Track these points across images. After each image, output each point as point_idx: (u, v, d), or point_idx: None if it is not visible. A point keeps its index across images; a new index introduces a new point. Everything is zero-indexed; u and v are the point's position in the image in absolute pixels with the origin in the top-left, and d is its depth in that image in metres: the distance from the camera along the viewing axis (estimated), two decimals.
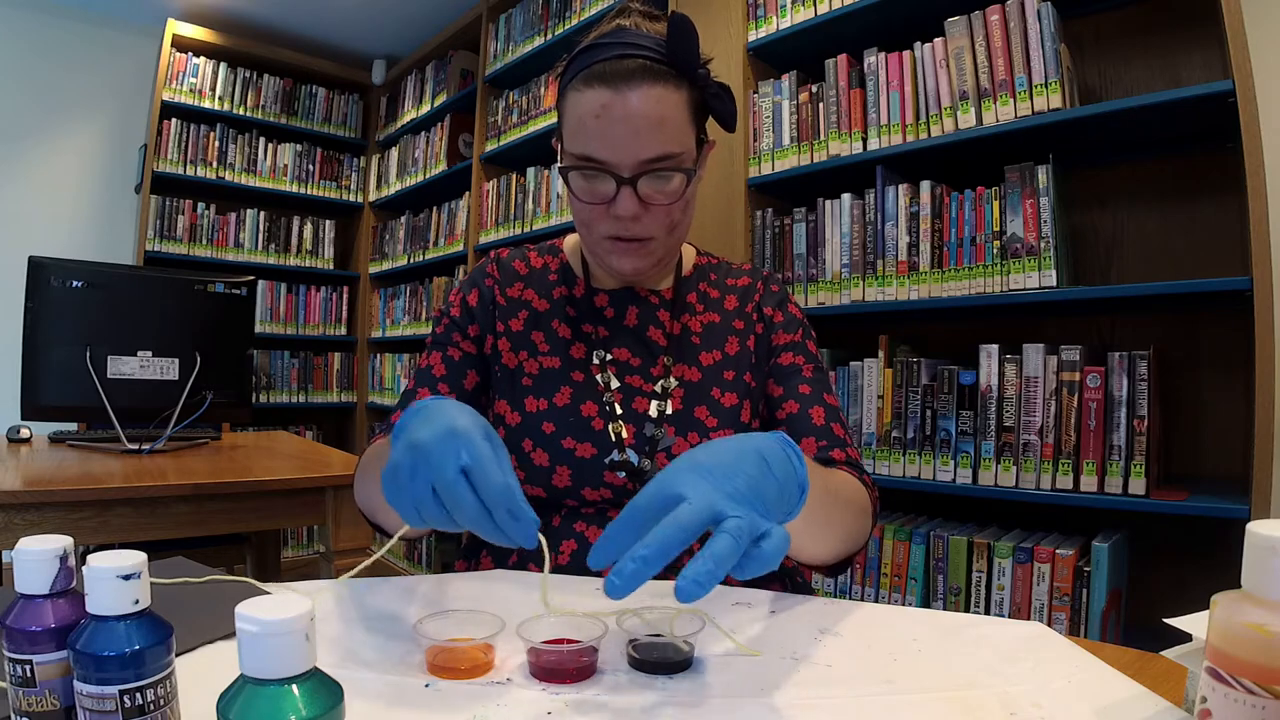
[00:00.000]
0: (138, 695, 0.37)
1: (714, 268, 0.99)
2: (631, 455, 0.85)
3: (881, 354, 1.75)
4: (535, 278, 0.96)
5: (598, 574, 0.79)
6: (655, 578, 0.80)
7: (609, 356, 0.90)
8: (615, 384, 0.88)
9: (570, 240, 0.99)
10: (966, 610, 1.59)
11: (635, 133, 0.78)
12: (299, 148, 3.66)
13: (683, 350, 0.91)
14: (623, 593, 0.46)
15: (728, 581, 0.80)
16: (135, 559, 0.37)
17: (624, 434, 0.86)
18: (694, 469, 0.51)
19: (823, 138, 1.87)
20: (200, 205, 3.40)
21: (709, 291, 0.96)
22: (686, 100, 0.81)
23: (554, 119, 1.14)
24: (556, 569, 0.80)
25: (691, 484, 0.49)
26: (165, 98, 3.25)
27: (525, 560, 0.84)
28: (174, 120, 3.28)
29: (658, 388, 0.88)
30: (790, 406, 0.90)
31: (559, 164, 0.84)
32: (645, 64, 0.78)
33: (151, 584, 0.39)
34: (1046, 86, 1.52)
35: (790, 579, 0.89)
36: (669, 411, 0.87)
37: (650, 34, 0.81)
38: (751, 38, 2.02)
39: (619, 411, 0.87)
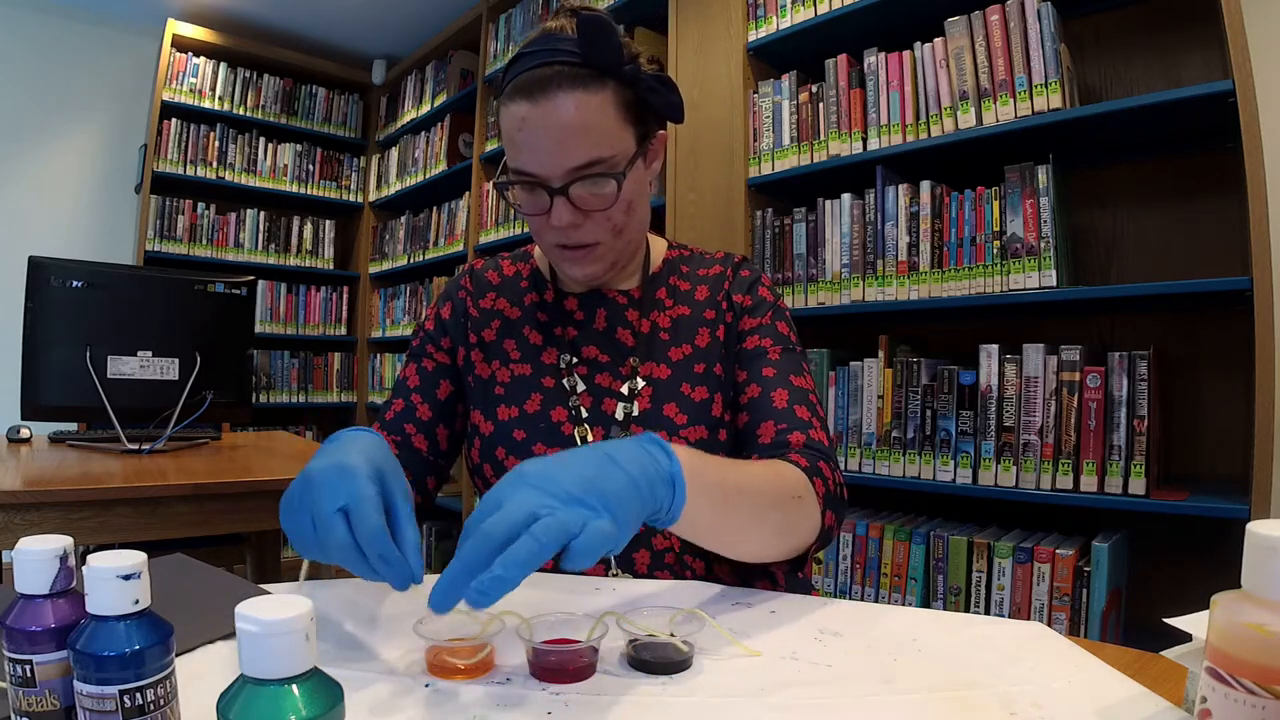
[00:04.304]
0: (138, 695, 0.37)
1: (686, 259, 0.97)
2: None
3: (881, 354, 1.75)
4: (507, 286, 0.96)
5: (583, 574, 0.79)
6: (654, 574, 0.81)
7: (575, 360, 0.89)
8: (582, 387, 0.88)
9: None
10: (966, 610, 1.59)
11: (557, 142, 0.77)
12: (299, 148, 3.66)
13: (651, 349, 0.90)
14: (440, 608, 0.47)
15: (724, 581, 0.81)
16: (135, 559, 0.37)
17: (590, 437, 0.85)
18: (519, 473, 0.52)
19: (823, 138, 1.87)
20: (200, 205, 3.40)
21: (679, 284, 0.94)
22: (613, 101, 0.78)
23: None
24: (541, 572, 0.80)
25: (509, 490, 0.51)
26: (165, 98, 3.25)
27: None
28: (174, 120, 3.28)
29: (625, 389, 0.87)
30: (752, 390, 0.86)
31: (496, 179, 0.84)
32: (562, 70, 0.76)
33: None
34: (1046, 86, 1.52)
35: (788, 574, 0.88)
36: (635, 413, 0.86)
37: (573, 36, 0.78)
38: (751, 38, 2.02)
39: (584, 415, 0.86)
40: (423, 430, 0.91)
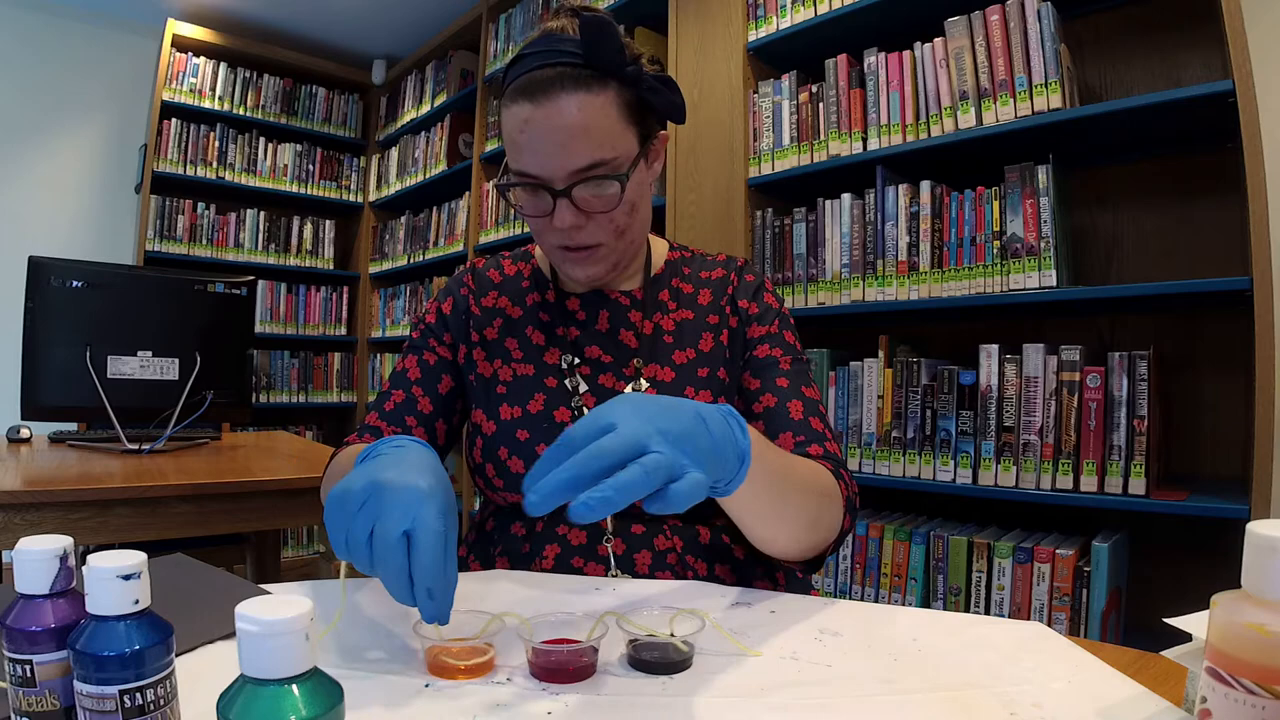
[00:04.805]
0: (138, 695, 0.37)
1: (687, 261, 0.97)
2: None
3: (881, 354, 1.75)
4: (509, 285, 0.96)
5: (584, 572, 0.79)
6: (655, 575, 0.81)
7: (576, 360, 0.89)
8: (584, 388, 0.88)
9: None
10: (966, 610, 1.59)
11: (560, 145, 0.76)
12: (299, 148, 3.66)
13: (655, 350, 0.90)
14: (539, 510, 0.48)
15: (726, 582, 0.81)
16: (135, 559, 0.37)
17: None
18: (632, 403, 0.53)
19: (823, 138, 1.87)
20: (200, 205, 3.40)
21: (682, 287, 0.95)
22: (615, 101, 0.78)
23: None
24: (541, 572, 0.80)
25: (624, 416, 0.51)
26: (165, 98, 3.25)
27: (527, 561, 0.84)
28: (174, 120, 3.28)
29: (629, 390, 0.87)
30: (767, 400, 0.87)
31: (497, 180, 0.84)
32: (564, 71, 0.76)
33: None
34: (1046, 86, 1.52)
35: (788, 574, 0.89)
36: None
37: (574, 36, 0.78)
38: (751, 38, 2.02)
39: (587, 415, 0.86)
40: (423, 424, 0.91)
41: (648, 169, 0.86)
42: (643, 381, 0.88)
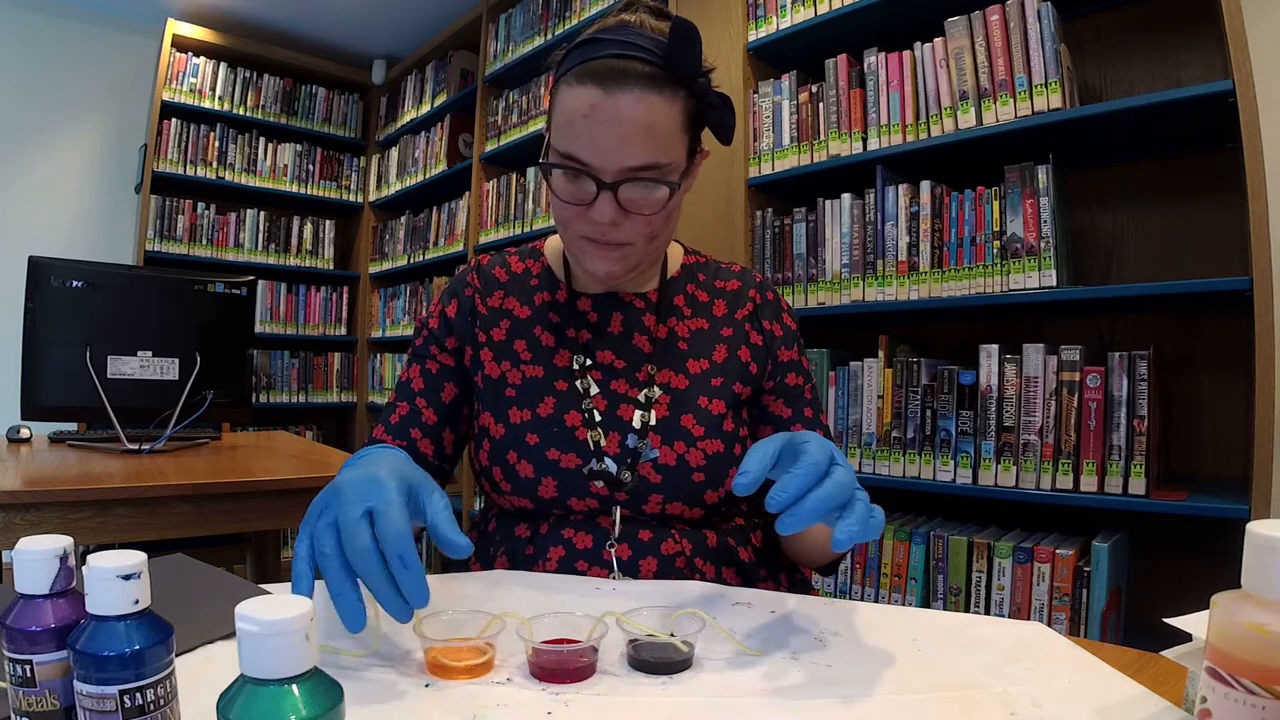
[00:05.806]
0: (138, 695, 0.37)
1: (701, 267, 0.97)
2: (610, 465, 0.83)
3: (881, 354, 1.75)
4: (516, 284, 0.94)
5: (588, 574, 0.80)
6: (655, 576, 0.81)
7: (589, 362, 0.88)
8: (595, 390, 0.87)
9: (552, 243, 0.96)
10: (966, 610, 1.59)
11: (621, 138, 0.75)
12: (299, 148, 3.66)
13: (669, 356, 0.89)
14: (793, 529, 0.54)
15: (729, 583, 0.81)
16: (135, 559, 0.37)
17: (603, 442, 0.84)
18: (828, 444, 0.60)
19: (823, 138, 1.87)
20: (200, 205, 3.40)
21: (697, 294, 0.94)
22: (681, 109, 0.78)
23: None
24: (543, 573, 0.80)
25: (837, 455, 0.59)
26: (165, 98, 3.25)
27: (530, 562, 0.84)
28: (174, 120, 3.28)
29: (641, 396, 0.86)
30: (797, 429, 0.88)
31: (541, 159, 0.82)
32: (641, 67, 0.75)
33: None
34: (1046, 86, 1.52)
35: (789, 575, 0.89)
36: (653, 421, 0.85)
37: (653, 35, 0.77)
38: (751, 38, 2.02)
39: (598, 419, 0.85)
40: (428, 435, 0.90)
41: (688, 181, 0.86)
42: (656, 388, 0.87)
